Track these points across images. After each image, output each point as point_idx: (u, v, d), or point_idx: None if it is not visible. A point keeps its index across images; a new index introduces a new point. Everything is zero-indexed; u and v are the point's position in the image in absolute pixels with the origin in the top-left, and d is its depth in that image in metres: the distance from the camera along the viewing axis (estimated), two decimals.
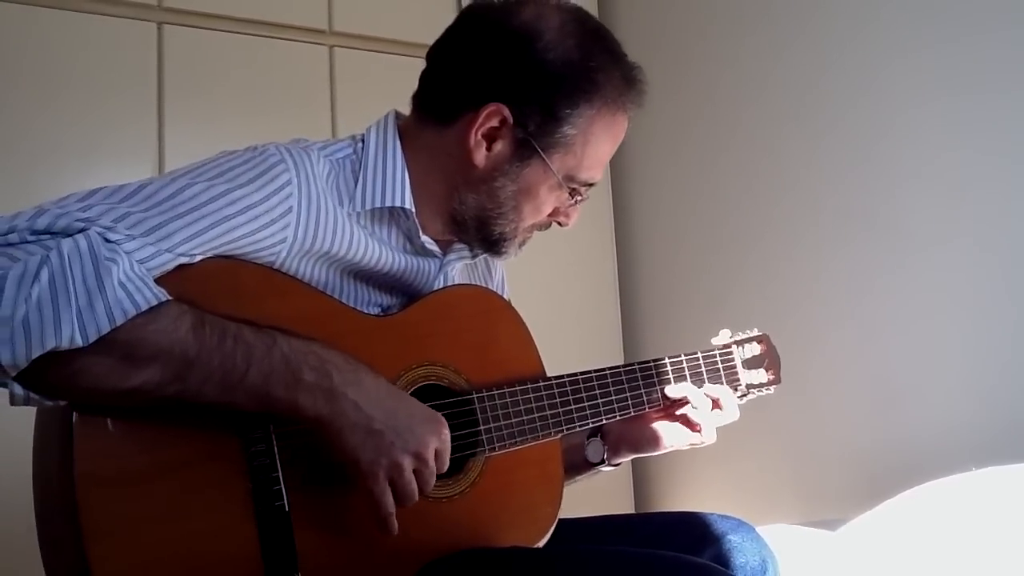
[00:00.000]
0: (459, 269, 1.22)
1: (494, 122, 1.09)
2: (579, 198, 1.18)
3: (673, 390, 1.29)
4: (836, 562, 1.51)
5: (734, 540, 1.19)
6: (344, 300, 1.08)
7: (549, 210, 1.17)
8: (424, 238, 1.14)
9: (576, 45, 1.09)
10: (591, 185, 1.17)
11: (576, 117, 1.10)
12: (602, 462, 1.33)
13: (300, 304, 1.02)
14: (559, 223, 1.21)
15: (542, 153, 1.10)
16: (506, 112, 1.08)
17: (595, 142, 1.13)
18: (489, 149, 1.10)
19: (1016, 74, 1.69)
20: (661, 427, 1.31)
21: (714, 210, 2.38)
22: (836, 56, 2.05)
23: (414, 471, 0.98)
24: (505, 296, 1.35)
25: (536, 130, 1.09)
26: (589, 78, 1.10)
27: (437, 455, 1.00)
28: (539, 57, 1.08)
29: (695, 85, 2.44)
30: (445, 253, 1.19)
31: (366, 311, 1.11)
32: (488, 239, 1.16)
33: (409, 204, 1.11)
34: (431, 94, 1.15)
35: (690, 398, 1.29)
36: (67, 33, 1.87)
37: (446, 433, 1.01)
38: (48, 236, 0.85)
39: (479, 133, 1.09)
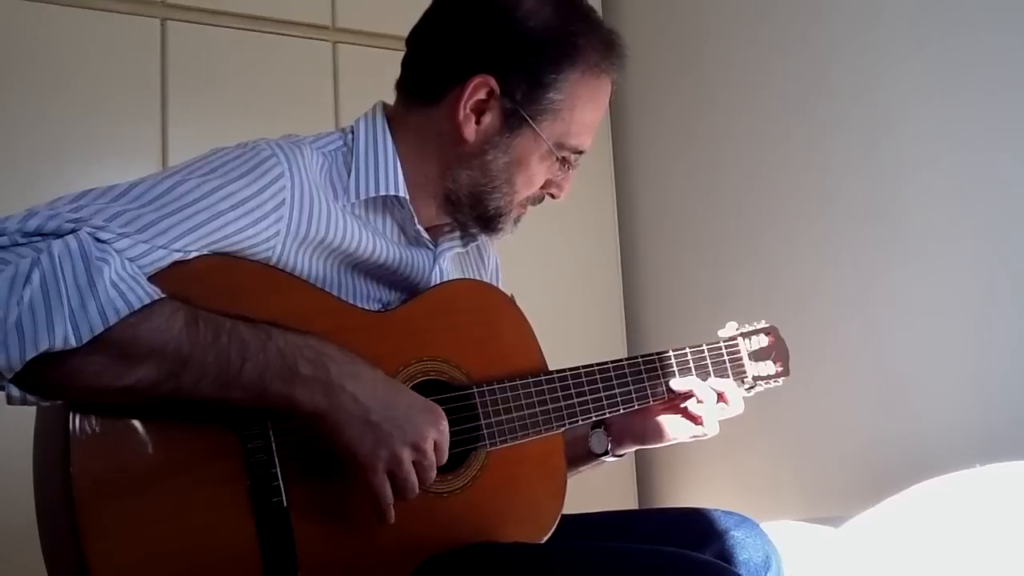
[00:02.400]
0: (450, 259, 1.22)
1: (481, 94, 1.10)
2: (570, 166, 1.18)
3: (678, 383, 1.29)
4: (839, 558, 1.51)
5: (737, 536, 1.18)
6: (343, 295, 1.08)
7: (541, 181, 1.18)
8: (418, 227, 1.14)
9: (554, 11, 1.11)
10: (581, 152, 1.17)
11: (561, 82, 1.11)
12: (606, 453, 1.33)
13: (299, 300, 1.01)
14: (552, 195, 1.21)
15: (531, 121, 1.11)
16: (492, 83, 1.09)
17: (581, 106, 1.14)
18: (478, 122, 1.11)
19: (1021, 72, 1.68)
20: (665, 420, 1.31)
21: (718, 205, 2.37)
22: (841, 53, 2.04)
23: (413, 463, 0.97)
24: (500, 283, 1.35)
25: (523, 98, 1.10)
26: (571, 42, 1.11)
27: (436, 447, 0.99)
28: (519, 25, 1.09)
29: (700, 80, 2.43)
30: (437, 243, 1.19)
31: (365, 307, 1.10)
32: (483, 216, 1.16)
33: (403, 191, 1.11)
34: (416, 76, 1.15)
35: (695, 391, 1.28)
36: (70, 29, 1.88)
37: (444, 424, 1.00)
38: (39, 238, 0.84)
39: (467, 107, 1.10)
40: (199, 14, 2.02)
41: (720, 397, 1.29)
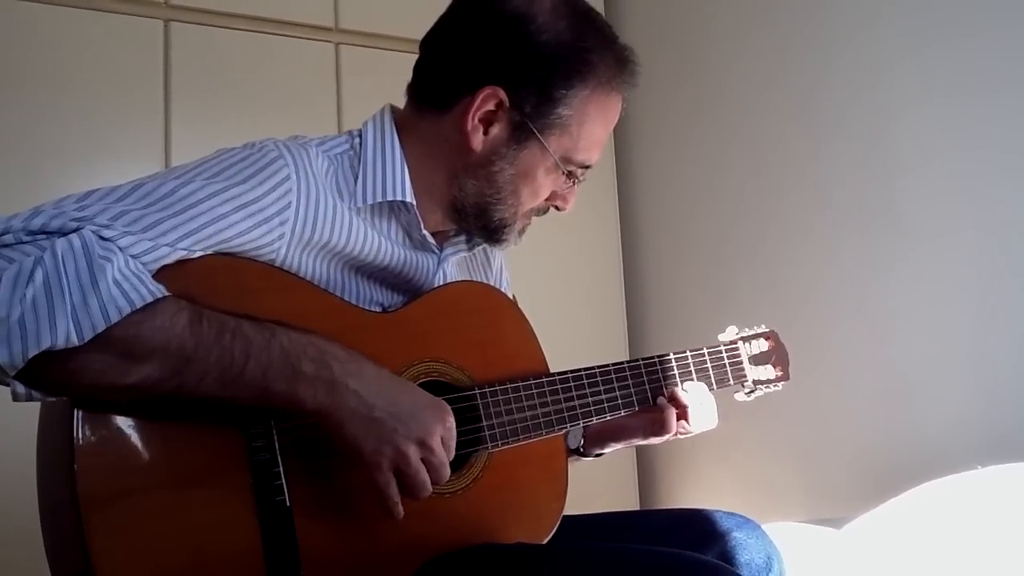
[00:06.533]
0: (455, 263, 1.22)
1: (490, 105, 1.10)
2: (576, 180, 1.18)
3: (682, 395, 1.29)
4: (841, 560, 1.51)
5: (739, 537, 1.19)
6: (346, 297, 1.08)
7: (547, 194, 1.17)
8: (424, 232, 1.14)
9: (569, 27, 1.10)
10: (588, 167, 1.17)
11: (571, 98, 1.11)
12: (578, 449, 1.35)
13: (302, 300, 1.02)
14: (557, 207, 1.21)
15: (538, 135, 1.11)
16: (502, 95, 1.09)
17: (590, 123, 1.13)
18: (486, 133, 1.11)
19: (1021, 72, 1.68)
20: (643, 419, 1.31)
21: (719, 206, 2.37)
22: (841, 53, 2.04)
23: (422, 460, 0.97)
24: (505, 284, 1.36)
25: (532, 112, 1.10)
26: (583, 59, 1.10)
27: (443, 443, 0.99)
28: (533, 39, 1.09)
29: (701, 81, 2.44)
30: (442, 248, 1.19)
31: (367, 308, 1.10)
32: (488, 226, 1.16)
33: (410, 197, 1.11)
34: (427, 82, 1.15)
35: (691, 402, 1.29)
36: (73, 30, 1.88)
37: (451, 420, 1.00)
38: (43, 236, 0.85)
39: (476, 117, 1.10)
40: (202, 15, 2.02)
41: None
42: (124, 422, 0.89)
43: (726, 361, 1.38)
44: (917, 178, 1.87)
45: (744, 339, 1.42)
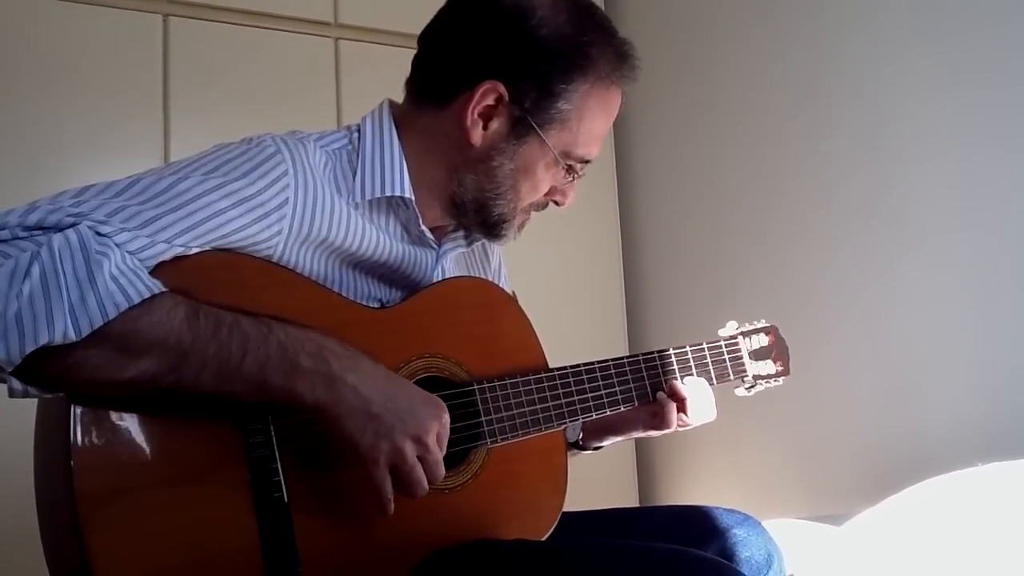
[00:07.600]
0: (453, 259, 1.22)
1: (490, 100, 1.09)
2: (576, 175, 1.18)
3: (681, 388, 1.29)
4: (841, 557, 1.51)
5: (739, 534, 1.19)
6: (343, 293, 1.08)
7: (546, 188, 1.17)
8: (423, 227, 1.14)
9: (569, 21, 1.10)
10: (587, 162, 1.17)
11: (571, 92, 1.10)
12: (577, 443, 1.35)
13: (300, 296, 1.01)
14: (556, 202, 1.21)
15: (538, 129, 1.10)
16: (502, 89, 1.08)
17: (590, 117, 1.13)
18: (486, 128, 1.10)
19: (1021, 69, 1.68)
20: (643, 412, 1.31)
21: (719, 202, 2.37)
22: (842, 49, 2.04)
23: (418, 457, 0.97)
24: (504, 280, 1.36)
25: (532, 106, 1.10)
26: (583, 53, 1.10)
27: (438, 439, 0.99)
28: (533, 34, 1.09)
29: (701, 77, 2.43)
30: (441, 243, 1.19)
31: (365, 304, 1.10)
32: (487, 222, 1.15)
33: (408, 193, 1.10)
34: (426, 76, 1.15)
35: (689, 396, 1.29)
36: (72, 25, 1.88)
37: (446, 417, 1.00)
38: (40, 231, 0.85)
39: (475, 111, 1.09)
40: (201, 10, 2.02)
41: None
42: (121, 418, 0.88)
43: (726, 356, 1.38)
44: (917, 176, 1.86)
45: (744, 334, 1.42)
